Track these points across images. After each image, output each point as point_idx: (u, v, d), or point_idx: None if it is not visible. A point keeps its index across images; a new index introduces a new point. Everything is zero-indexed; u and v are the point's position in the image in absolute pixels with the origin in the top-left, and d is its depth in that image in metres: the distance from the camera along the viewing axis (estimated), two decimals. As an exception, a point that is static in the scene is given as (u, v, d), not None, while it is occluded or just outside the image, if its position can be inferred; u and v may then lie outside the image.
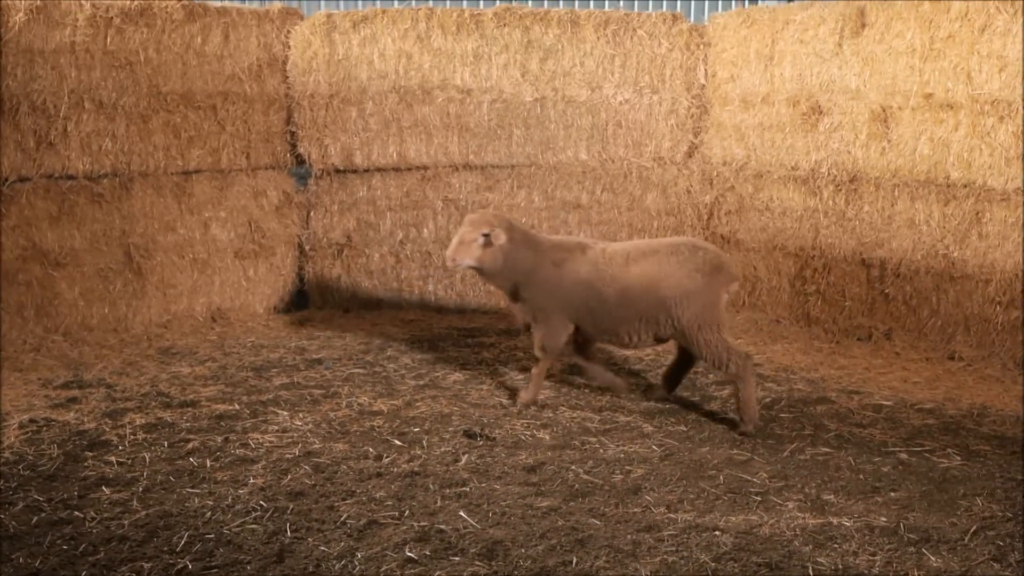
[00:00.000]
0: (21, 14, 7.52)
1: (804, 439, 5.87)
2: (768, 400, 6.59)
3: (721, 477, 5.26)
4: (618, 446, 5.72)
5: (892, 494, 5.06)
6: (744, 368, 6.00)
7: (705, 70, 9.22)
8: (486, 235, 6.14)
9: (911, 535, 4.57)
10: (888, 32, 7.68)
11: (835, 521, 4.71)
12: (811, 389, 6.86)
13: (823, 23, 8.16)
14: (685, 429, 6.05)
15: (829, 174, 8.21)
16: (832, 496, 5.02)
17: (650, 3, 15.19)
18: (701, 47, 9.20)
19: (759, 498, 4.99)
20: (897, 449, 5.70)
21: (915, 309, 7.74)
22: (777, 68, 8.58)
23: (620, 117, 9.21)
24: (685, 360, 6.54)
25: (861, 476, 5.30)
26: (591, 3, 14.79)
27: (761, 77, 8.73)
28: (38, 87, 7.66)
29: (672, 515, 4.78)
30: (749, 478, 5.25)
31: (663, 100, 9.21)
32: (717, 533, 4.58)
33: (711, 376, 7.14)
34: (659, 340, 6.31)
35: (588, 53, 9.08)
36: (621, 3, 14.98)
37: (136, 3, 8.02)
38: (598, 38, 9.06)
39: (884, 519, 4.74)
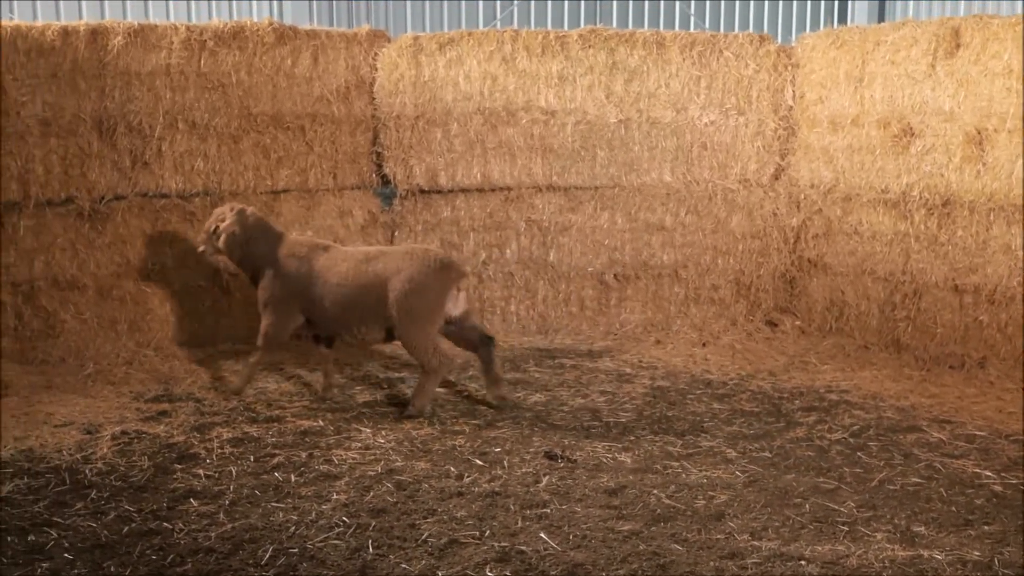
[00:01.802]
0: (120, 37, 7.81)
1: (893, 468, 5.71)
2: (856, 428, 6.45)
3: (807, 505, 5.15)
4: (701, 471, 5.64)
5: (986, 527, 4.89)
6: (441, 367, 6.59)
7: (793, 91, 9.11)
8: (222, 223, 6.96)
9: (1006, 571, 4.40)
10: (984, 53, 7.48)
11: (926, 554, 4.57)
12: (901, 417, 6.68)
13: (915, 44, 7.98)
14: (770, 456, 5.93)
15: (921, 197, 8.01)
16: (923, 528, 4.88)
17: (737, 24, 15.12)
18: (789, 68, 9.09)
19: (846, 528, 4.87)
20: (991, 481, 5.52)
21: (1011, 337, 7.49)
22: (867, 90, 8.42)
23: (705, 139, 9.14)
24: (484, 359, 6.84)
25: (953, 508, 5.13)
26: (677, 24, 14.79)
27: (851, 99, 8.58)
28: (134, 108, 7.94)
29: (756, 543, 4.69)
30: (836, 507, 5.12)
31: (749, 122, 9.12)
32: (803, 563, 4.47)
33: (797, 402, 7.01)
34: (390, 336, 6.74)
35: (673, 75, 9.04)
36: (707, 24, 14.94)
37: (229, 26, 8.24)
38: (684, 59, 9.01)
39: (977, 553, 4.58)
